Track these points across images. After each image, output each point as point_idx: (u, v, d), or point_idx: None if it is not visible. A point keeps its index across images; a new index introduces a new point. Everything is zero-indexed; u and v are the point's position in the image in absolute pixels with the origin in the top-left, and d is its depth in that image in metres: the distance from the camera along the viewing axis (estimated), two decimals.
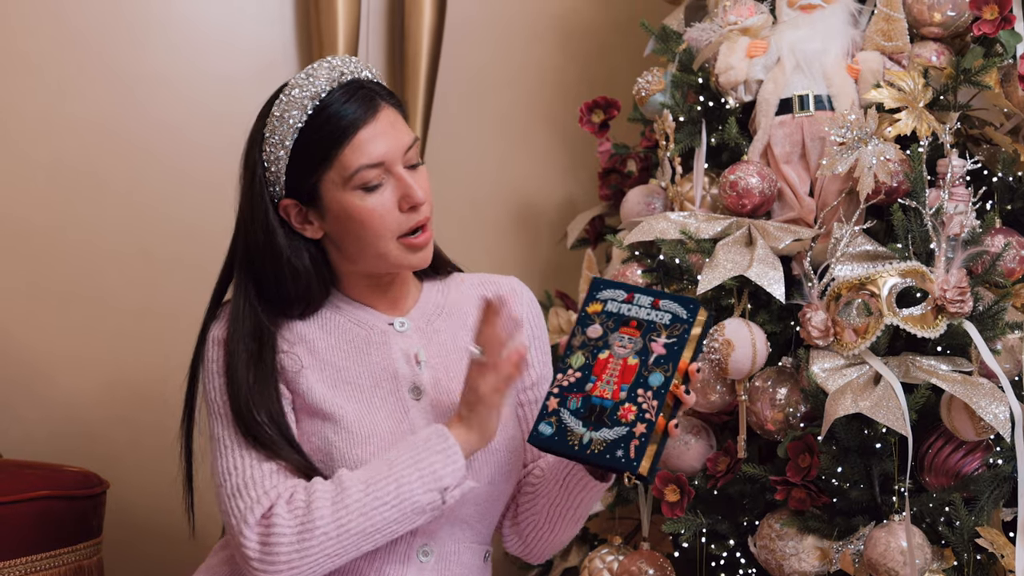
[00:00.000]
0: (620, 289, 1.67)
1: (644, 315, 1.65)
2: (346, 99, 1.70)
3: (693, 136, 2.41)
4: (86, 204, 2.84)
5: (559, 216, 3.12)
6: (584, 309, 1.68)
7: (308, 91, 1.71)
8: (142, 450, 2.83)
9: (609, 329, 1.65)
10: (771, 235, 2.20)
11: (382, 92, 1.74)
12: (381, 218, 1.70)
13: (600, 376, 1.63)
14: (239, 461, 1.69)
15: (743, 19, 2.37)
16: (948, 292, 2.04)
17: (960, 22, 2.29)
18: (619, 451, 1.58)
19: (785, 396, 2.16)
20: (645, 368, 1.61)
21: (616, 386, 1.62)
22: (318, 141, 1.70)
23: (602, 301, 1.67)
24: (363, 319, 1.79)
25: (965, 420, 2.02)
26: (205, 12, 2.92)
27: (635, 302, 1.66)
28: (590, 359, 1.64)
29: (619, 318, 1.66)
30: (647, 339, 1.63)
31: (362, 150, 1.69)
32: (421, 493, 1.63)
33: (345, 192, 1.70)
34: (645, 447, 1.57)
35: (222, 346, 1.75)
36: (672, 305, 1.64)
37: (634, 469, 1.57)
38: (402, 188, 1.71)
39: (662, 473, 2.21)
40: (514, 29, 3.12)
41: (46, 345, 2.82)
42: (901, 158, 2.18)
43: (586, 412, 1.61)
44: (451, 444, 1.64)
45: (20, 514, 2.20)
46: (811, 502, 2.11)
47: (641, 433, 1.58)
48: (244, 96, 2.93)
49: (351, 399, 1.74)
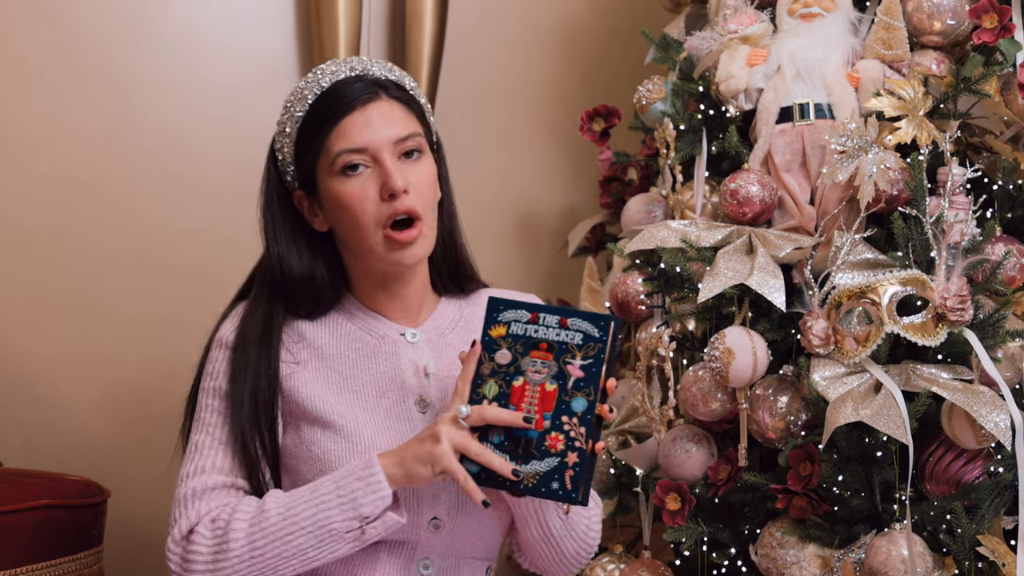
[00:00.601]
0: (522, 309, 1.60)
1: (554, 336, 1.58)
2: (344, 89, 1.72)
3: (694, 144, 2.41)
4: (85, 210, 2.84)
5: (560, 224, 3.12)
6: (487, 333, 1.61)
7: (313, 84, 1.74)
8: (143, 458, 2.83)
9: (518, 353, 1.59)
10: (772, 243, 2.20)
11: (388, 85, 1.75)
12: (360, 203, 1.70)
13: (519, 405, 1.57)
14: (196, 471, 1.70)
15: (743, 28, 2.37)
16: (949, 300, 2.04)
17: (960, 31, 2.29)
18: (554, 483, 1.53)
19: (786, 404, 2.16)
20: (565, 393, 1.56)
21: (539, 415, 1.56)
22: (313, 129, 1.72)
23: (505, 323, 1.61)
24: (374, 327, 1.79)
25: (966, 428, 2.02)
26: (205, 18, 2.92)
27: (541, 322, 1.59)
28: (504, 387, 1.58)
29: (527, 340, 1.59)
30: (561, 362, 1.57)
31: (346, 135, 1.70)
32: (339, 520, 1.61)
33: (332, 177, 1.72)
34: (581, 476, 1.53)
35: (224, 348, 1.76)
36: (582, 324, 1.58)
37: (575, 500, 1.53)
38: (382, 175, 1.70)
39: (663, 482, 2.21)
40: (515, 38, 3.13)
41: (46, 351, 2.82)
42: (901, 166, 2.18)
43: (511, 445, 1.56)
44: (375, 473, 1.61)
45: (21, 523, 2.20)
46: (812, 510, 2.10)
47: (575, 463, 1.53)
48: (244, 103, 2.94)
49: (355, 407, 1.73)
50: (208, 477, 1.70)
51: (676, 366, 2.32)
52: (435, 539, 1.72)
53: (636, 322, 2.48)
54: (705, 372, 2.23)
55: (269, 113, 2.97)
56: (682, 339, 2.36)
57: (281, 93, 2.97)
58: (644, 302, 2.42)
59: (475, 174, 3.08)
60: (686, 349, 2.36)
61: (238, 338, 1.76)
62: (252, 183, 2.93)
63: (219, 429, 1.73)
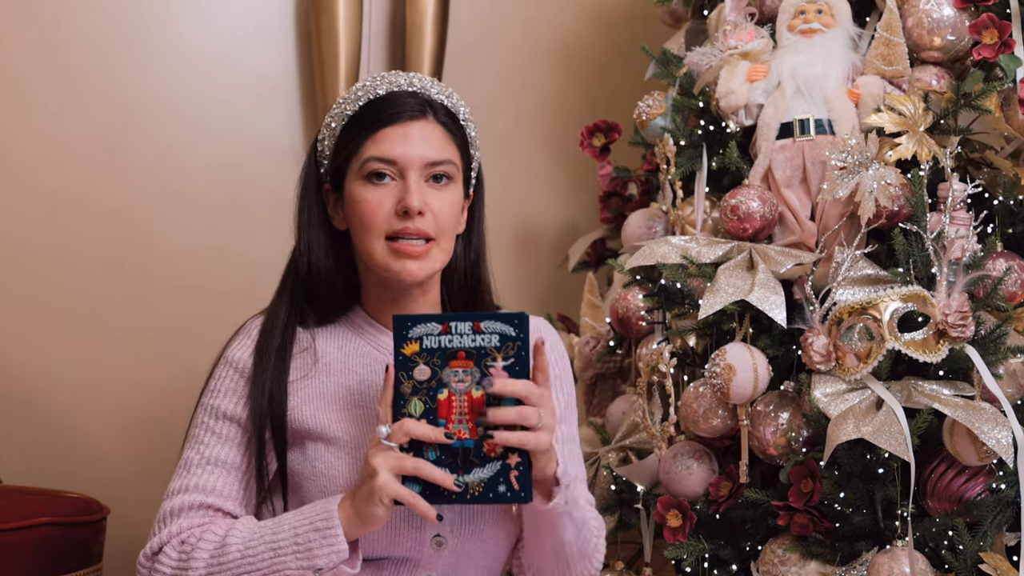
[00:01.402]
0: (432, 322, 1.57)
1: (470, 343, 1.55)
2: (395, 100, 1.74)
3: (694, 160, 2.41)
4: (85, 226, 2.84)
5: (560, 239, 3.12)
6: (400, 352, 1.57)
7: (371, 88, 1.76)
8: (143, 475, 2.82)
9: (436, 367, 1.56)
10: (772, 259, 2.20)
11: (439, 109, 1.77)
12: (373, 212, 1.72)
13: (449, 417, 1.55)
14: (181, 488, 1.71)
15: (743, 43, 2.37)
16: (950, 316, 2.04)
17: (960, 46, 2.30)
18: (500, 486, 1.52)
19: (787, 421, 2.16)
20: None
21: (471, 423, 1.55)
22: (355, 129, 1.75)
23: (416, 339, 1.57)
24: (383, 343, 1.79)
25: (967, 445, 2.02)
26: (206, 34, 2.93)
27: (454, 331, 1.56)
28: (429, 403, 1.56)
29: (443, 352, 1.56)
30: (483, 366, 1.55)
31: (380, 144, 1.72)
32: (294, 568, 1.61)
33: (357, 180, 1.74)
34: (527, 474, 1.52)
35: (230, 366, 1.76)
36: (496, 325, 1.55)
37: (523, 499, 1.52)
38: (403, 191, 1.72)
39: (664, 498, 2.21)
40: (515, 53, 3.13)
41: (46, 367, 2.82)
42: (902, 182, 2.18)
43: (449, 458, 1.54)
44: (334, 525, 1.59)
45: (21, 541, 2.19)
46: (814, 527, 2.10)
47: (517, 463, 1.53)
48: (244, 119, 2.95)
49: (360, 422, 1.73)
50: (189, 496, 1.70)
51: (677, 382, 2.32)
52: (438, 557, 1.72)
53: (637, 338, 2.48)
54: (706, 388, 2.22)
55: (269, 128, 3.00)
56: (683, 355, 2.35)
57: (281, 108, 2.99)
58: (645, 318, 2.41)
59: None
60: (687, 365, 2.36)
61: (254, 363, 1.75)
62: (252, 198, 2.95)
63: (210, 449, 1.72)
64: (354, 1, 2.90)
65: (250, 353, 1.76)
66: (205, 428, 1.74)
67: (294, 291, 1.80)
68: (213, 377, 1.78)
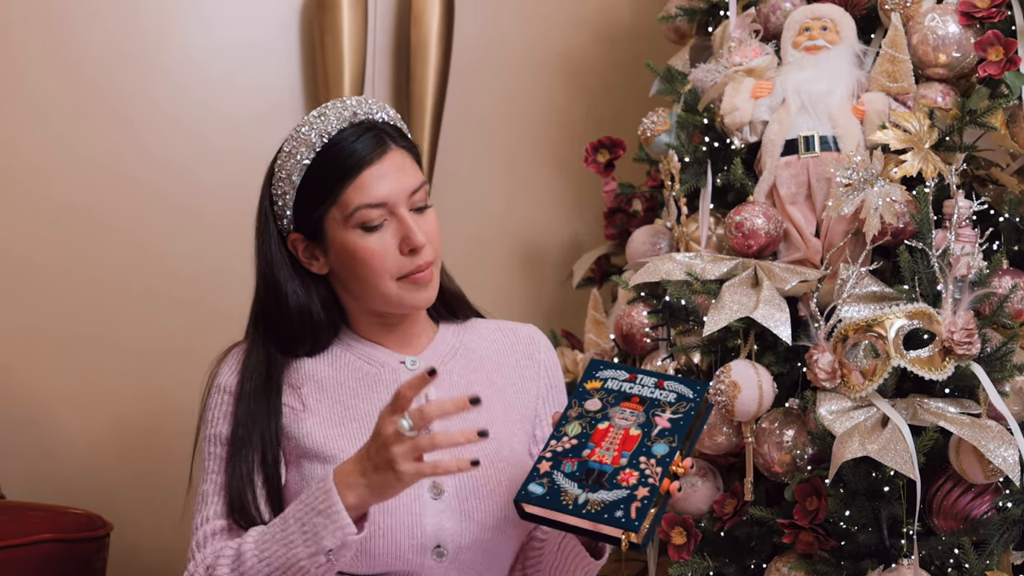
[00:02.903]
0: (622, 370, 1.65)
1: (648, 393, 1.63)
2: (355, 138, 1.72)
3: (699, 176, 2.41)
4: (88, 241, 2.84)
5: (564, 255, 3.12)
6: (582, 385, 1.65)
7: (317, 128, 1.73)
8: (146, 491, 2.82)
9: (609, 404, 1.62)
10: (777, 276, 2.20)
11: (394, 134, 1.76)
12: (381, 258, 1.71)
13: (599, 443, 1.59)
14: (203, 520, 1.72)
15: (748, 60, 2.37)
16: (955, 334, 2.03)
17: (965, 63, 2.29)
18: (618, 511, 1.53)
19: (792, 438, 2.15)
20: (648, 439, 1.58)
21: (617, 452, 1.58)
22: (323, 178, 1.72)
23: (601, 379, 1.65)
24: (374, 356, 1.79)
25: (974, 463, 2.01)
26: (209, 50, 2.93)
27: (638, 382, 1.64)
28: (588, 428, 1.61)
29: (620, 394, 1.63)
30: (650, 413, 1.60)
31: (364, 190, 1.71)
32: (306, 558, 1.60)
33: (346, 230, 1.72)
34: (647, 509, 1.53)
35: (223, 392, 1.76)
36: (677, 386, 1.62)
37: (635, 528, 1.52)
38: (403, 231, 1.72)
39: (669, 515, 2.20)
40: (519, 69, 3.13)
41: (49, 383, 2.81)
42: (907, 199, 2.17)
43: (582, 475, 1.57)
44: (334, 503, 1.58)
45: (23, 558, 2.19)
46: (819, 545, 2.09)
47: (644, 496, 1.54)
48: (249, 135, 2.95)
49: (356, 437, 1.73)
50: (211, 524, 1.71)
51: None
52: (439, 568, 1.72)
53: (641, 355, 2.47)
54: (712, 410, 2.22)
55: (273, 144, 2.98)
56: (687, 372, 2.35)
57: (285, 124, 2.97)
58: (649, 335, 2.41)
59: (479, 205, 3.08)
60: None
61: (239, 387, 1.76)
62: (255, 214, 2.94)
63: (220, 476, 1.73)
64: (358, 17, 2.90)
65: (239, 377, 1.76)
66: (213, 458, 1.75)
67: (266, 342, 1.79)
68: (207, 407, 1.79)
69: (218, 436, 1.75)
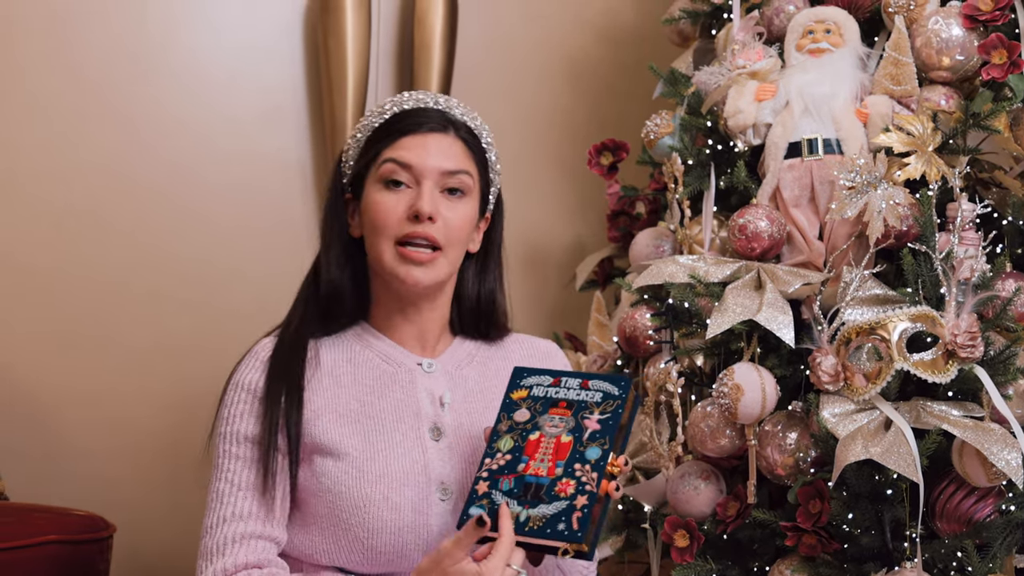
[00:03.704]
0: (546, 375, 1.66)
1: (574, 396, 1.63)
2: (419, 113, 1.78)
3: (702, 179, 2.41)
4: (92, 243, 2.84)
5: (568, 258, 3.12)
6: (508, 396, 1.65)
7: (396, 101, 1.81)
8: (149, 493, 2.82)
9: (537, 412, 1.63)
10: (780, 279, 2.20)
11: (460, 128, 1.80)
12: (386, 214, 1.74)
13: (532, 455, 1.59)
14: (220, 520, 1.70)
15: (751, 63, 2.38)
16: (959, 337, 2.03)
17: (969, 66, 2.29)
18: (560, 524, 1.53)
19: (795, 441, 2.15)
20: (580, 444, 1.58)
21: (551, 463, 1.58)
22: (377, 139, 1.78)
23: (527, 387, 1.66)
24: (391, 356, 1.80)
25: (977, 466, 2.01)
26: (213, 52, 2.93)
27: (563, 385, 1.64)
28: (520, 441, 1.61)
29: (547, 400, 1.63)
30: (579, 417, 1.60)
31: (399, 148, 1.76)
32: None
33: (374, 184, 1.77)
34: (588, 517, 1.53)
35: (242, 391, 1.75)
36: (602, 384, 1.62)
37: (578, 539, 1.52)
38: (416, 197, 1.74)
39: (672, 518, 2.20)
40: (523, 72, 3.13)
41: (53, 385, 2.81)
42: (910, 202, 2.17)
43: (520, 491, 1.57)
44: None
45: (27, 559, 2.18)
46: (822, 548, 2.09)
47: (583, 505, 1.53)
48: (252, 136, 2.95)
49: (369, 435, 1.73)
50: (230, 527, 1.69)
51: (684, 402, 2.31)
52: None
53: (644, 357, 2.47)
54: (714, 408, 2.22)
55: (277, 146, 3.00)
56: (690, 375, 2.35)
57: (289, 126, 2.99)
58: (652, 337, 2.41)
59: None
60: (694, 385, 2.35)
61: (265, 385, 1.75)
62: (260, 215, 2.95)
63: (238, 475, 1.72)
64: (362, 19, 2.91)
65: (261, 374, 1.76)
66: (229, 456, 1.73)
67: (309, 305, 1.81)
68: (225, 404, 1.77)
69: (236, 434, 1.74)
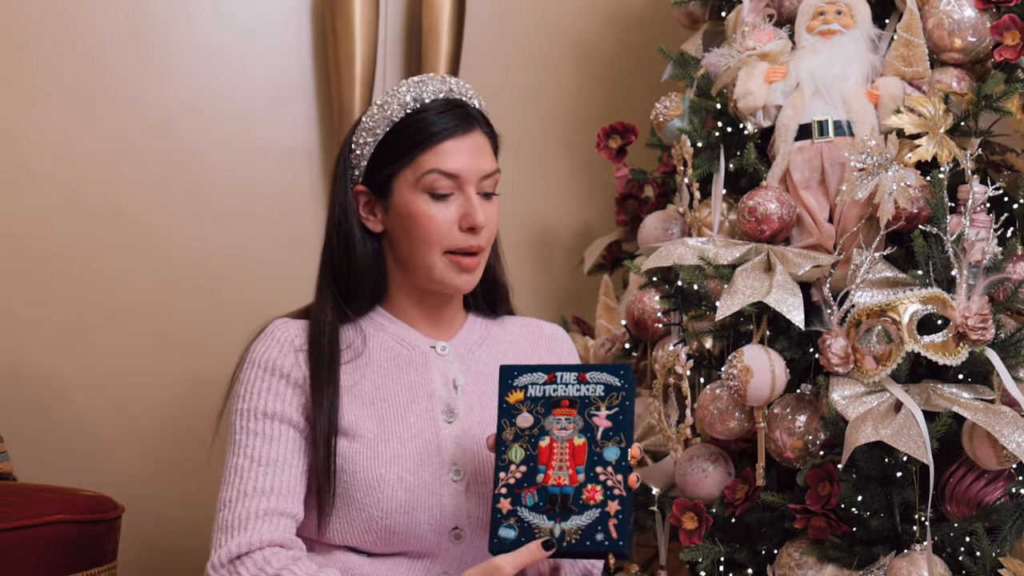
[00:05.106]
0: (537, 372, 1.59)
1: (574, 392, 1.57)
2: (445, 110, 1.77)
3: (711, 162, 2.40)
4: (102, 229, 2.84)
5: (576, 241, 3.12)
6: (504, 400, 1.59)
7: (414, 92, 1.78)
8: (157, 474, 2.83)
9: (540, 414, 1.57)
10: (790, 261, 2.19)
11: (480, 119, 1.80)
12: (438, 227, 1.74)
13: (549, 464, 1.54)
14: (239, 495, 1.69)
15: (762, 44, 2.36)
16: (970, 319, 2.03)
17: (981, 48, 2.28)
18: (599, 534, 1.50)
19: (804, 423, 2.14)
20: (596, 444, 1.54)
21: (571, 470, 1.54)
22: (405, 138, 1.76)
23: (521, 388, 1.59)
24: (406, 338, 1.81)
25: (987, 449, 2.00)
26: (222, 40, 2.93)
27: (559, 381, 1.58)
28: (530, 450, 1.56)
29: (547, 400, 1.57)
30: (586, 415, 1.56)
31: (442, 157, 1.74)
32: None
33: (414, 192, 1.75)
34: (626, 523, 1.50)
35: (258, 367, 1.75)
36: (601, 375, 1.57)
37: (620, 548, 1.50)
38: (467, 207, 1.75)
39: (680, 501, 2.20)
40: (531, 54, 3.13)
41: (62, 368, 2.82)
42: (921, 184, 2.16)
43: (547, 505, 1.53)
44: None
45: (36, 539, 2.19)
46: (831, 531, 2.09)
47: (616, 511, 1.51)
48: (261, 123, 2.95)
49: (383, 416, 1.75)
50: (250, 501, 1.69)
51: (693, 384, 2.31)
52: (455, 550, 1.73)
53: (653, 340, 2.47)
54: (722, 390, 2.21)
55: (286, 132, 3.00)
56: (699, 357, 2.34)
57: (297, 112, 2.99)
58: (661, 320, 2.40)
59: None
60: (703, 367, 2.35)
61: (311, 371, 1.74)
62: (268, 202, 2.95)
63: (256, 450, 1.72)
64: (370, 4, 2.90)
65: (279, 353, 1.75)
66: (246, 432, 1.73)
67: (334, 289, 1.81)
68: (241, 382, 1.77)
69: (254, 410, 1.73)
